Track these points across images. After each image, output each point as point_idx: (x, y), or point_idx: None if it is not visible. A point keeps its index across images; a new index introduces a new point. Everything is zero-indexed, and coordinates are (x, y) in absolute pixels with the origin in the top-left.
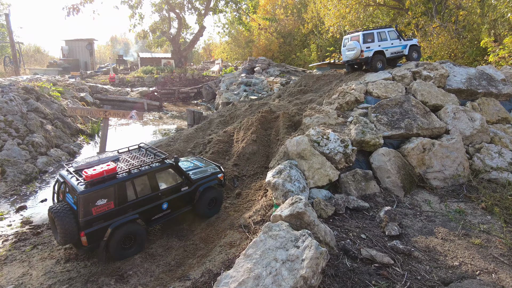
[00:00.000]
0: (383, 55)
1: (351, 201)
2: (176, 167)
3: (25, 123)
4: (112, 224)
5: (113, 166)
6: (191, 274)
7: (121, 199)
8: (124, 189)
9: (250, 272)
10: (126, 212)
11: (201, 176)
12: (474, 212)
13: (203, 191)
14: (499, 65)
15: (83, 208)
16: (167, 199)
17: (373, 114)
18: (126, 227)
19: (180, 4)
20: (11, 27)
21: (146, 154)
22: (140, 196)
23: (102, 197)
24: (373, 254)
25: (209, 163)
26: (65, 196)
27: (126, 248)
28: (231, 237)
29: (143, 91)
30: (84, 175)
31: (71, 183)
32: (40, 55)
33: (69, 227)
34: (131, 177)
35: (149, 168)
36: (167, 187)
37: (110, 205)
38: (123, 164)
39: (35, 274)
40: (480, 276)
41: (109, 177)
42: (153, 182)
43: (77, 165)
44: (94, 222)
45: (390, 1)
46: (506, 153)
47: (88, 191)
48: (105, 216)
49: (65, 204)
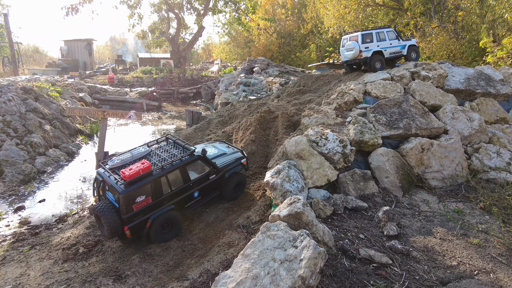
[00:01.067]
0: (381, 55)
1: (349, 201)
2: (204, 159)
3: (24, 123)
4: (151, 216)
5: (147, 164)
6: (189, 274)
7: (157, 194)
8: (160, 184)
9: (248, 272)
10: (163, 204)
11: (226, 163)
12: (472, 212)
13: (229, 177)
14: (498, 66)
15: (125, 206)
16: (198, 187)
17: (372, 114)
18: (164, 216)
19: (179, 4)
20: (9, 27)
21: (174, 146)
22: (174, 188)
23: (141, 194)
24: (372, 254)
25: (232, 147)
26: (105, 193)
27: (165, 233)
28: (229, 237)
29: (142, 91)
30: (122, 175)
31: (111, 183)
32: (39, 55)
33: (114, 224)
34: (164, 173)
35: (180, 162)
36: (197, 177)
37: (148, 200)
38: (155, 158)
39: (32, 275)
40: (478, 276)
41: (145, 175)
42: (184, 174)
43: (113, 163)
44: (135, 217)
45: (389, 2)
46: (505, 153)
47: (128, 190)
48: (145, 210)
49: (107, 203)
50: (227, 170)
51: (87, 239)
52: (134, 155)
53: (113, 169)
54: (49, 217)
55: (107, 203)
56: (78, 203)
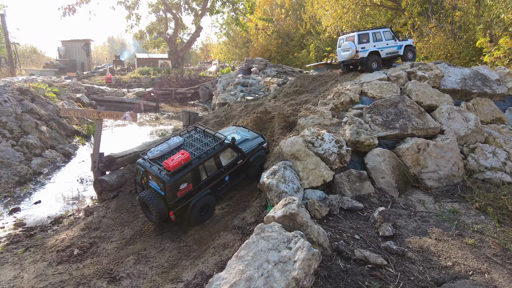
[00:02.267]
0: (378, 55)
1: (345, 201)
2: (233, 146)
3: (20, 124)
4: (192, 201)
5: (187, 155)
6: (184, 276)
7: (196, 180)
8: (198, 172)
9: (242, 274)
10: (201, 189)
11: (251, 148)
12: (468, 212)
13: (253, 160)
14: (495, 65)
15: (170, 194)
16: (228, 172)
17: (368, 114)
18: (202, 200)
19: (177, 4)
20: (6, 28)
21: (204, 135)
22: (209, 174)
23: (183, 181)
24: (367, 255)
25: (253, 133)
26: (148, 182)
27: (202, 215)
28: (224, 238)
29: (140, 92)
30: (166, 166)
31: (155, 173)
32: (37, 56)
33: (161, 210)
34: (202, 161)
35: (214, 151)
36: (227, 163)
37: (189, 187)
38: (190, 148)
39: (26, 277)
40: (473, 276)
41: (186, 165)
42: (218, 161)
43: (152, 154)
44: (179, 202)
45: (386, 2)
46: (500, 153)
47: (173, 179)
48: (187, 196)
49: (153, 191)
50: (252, 154)
51: (82, 241)
52: (170, 146)
53: (154, 159)
54: (44, 218)
55: (153, 192)
56: (74, 204)
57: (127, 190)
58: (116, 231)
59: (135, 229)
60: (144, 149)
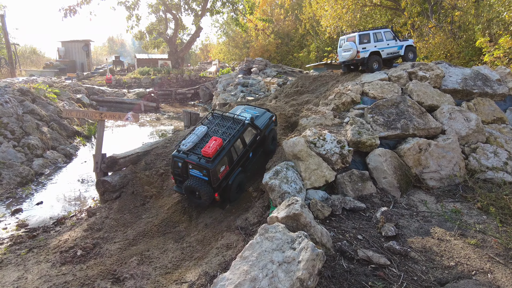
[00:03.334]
0: (379, 55)
1: (347, 202)
2: (253, 125)
3: (21, 125)
4: (230, 180)
5: (220, 140)
6: (188, 277)
7: (231, 161)
8: (231, 154)
9: (247, 275)
10: (235, 169)
11: (265, 123)
12: (470, 212)
13: (268, 134)
14: (495, 65)
15: (214, 178)
16: (251, 149)
17: (369, 114)
18: (237, 178)
19: (176, 5)
20: (6, 28)
21: (223, 119)
22: (239, 154)
23: (222, 164)
24: (370, 255)
25: (260, 109)
26: (188, 171)
27: (237, 192)
28: (228, 239)
29: (140, 92)
30: (205, 153)
31: (195, 161)
32: (36, 57)
33: (208, 193)
34: (232, 143)
35: (239, 132)
36: (250, 141)
37: (227, 168)
38: (215, 133)
39: (30, 278)
40: (476, 276)
41: (221, 149)
42: (243, 141)
43: (185, 146)
44: (221, 183)
45: (386, 2)
46: (502, 153)
47: (214, 164)
48: (226, 177)
49: (197, 178)
50: (267, 128)
51: (85, 242)
52: (199, 135)
53: (189, 150)
54: (46, 219)
55: (197, 179)
56: (76, 205)
57: (130, 191)
58: (119, 232)
59: (138, 229)
60: (147, 150)
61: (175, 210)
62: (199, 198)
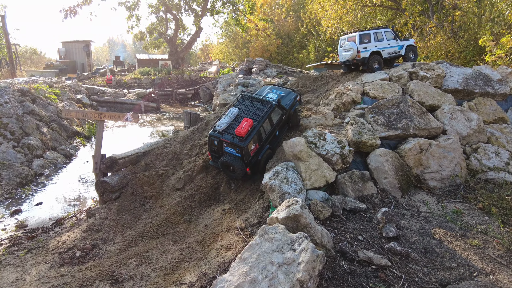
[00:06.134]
0: (379, 55)
1: (348, 202)
2: (279, 105)
3: (21, 125)
4: (259, 156)
5: (251, 121)
6: (187, 278)
7: (260, 139)
8: (260, 133)
9: (246, 276)
10: (264, 146)
11: (290, 103)
12: (471, 213)
13: (293, 113)
14: (496, 65)
15: (246, 154)
16: (278, 127)
17: (370, 114)
18: (266, 155)
19: (177, 5)
20: (7, 29)
21: (252, 100)
22: (267, 133)
23: (253, 143)
24: (371, 256)
25: (285, 89)
26: (223, 149)
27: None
28: (227, 240)
29: (140, 93)
30: (238, 133)
31: (229, 140)
32: (37, 57)
33: (241, 168)
34: (261, 124)
35: (267, 112)
36: (277, 120)
37: (257, 146)
38: (246, 114)
39: (28, 279)
40: (478, 278)
41: (252, 129)
42: (271, 120)
43: (220, 127)
44: (252, 159)
45: (387, 2)
46: (503, 153)
47: (246, 143)
48: (256, 153)
49: (231, 155)
50: (291, 108)
51: (84, 243)
52: (231, 117)
53: (224, 130)
54: (46, 220)
55: (232, 155)
56: (75, 206)
57: (129, 191)
58: (118, 233)
59: (137, 230)
60: (146, 150)
61: (175, 211)
62: (233, 172)
